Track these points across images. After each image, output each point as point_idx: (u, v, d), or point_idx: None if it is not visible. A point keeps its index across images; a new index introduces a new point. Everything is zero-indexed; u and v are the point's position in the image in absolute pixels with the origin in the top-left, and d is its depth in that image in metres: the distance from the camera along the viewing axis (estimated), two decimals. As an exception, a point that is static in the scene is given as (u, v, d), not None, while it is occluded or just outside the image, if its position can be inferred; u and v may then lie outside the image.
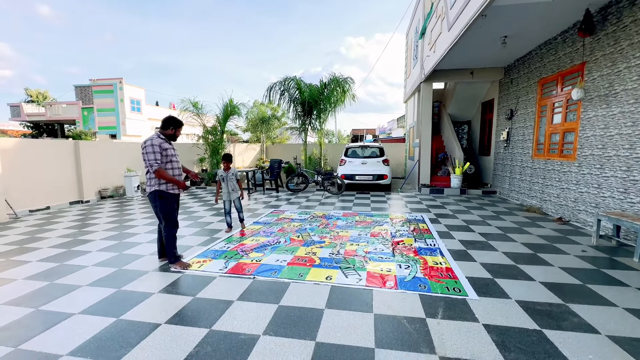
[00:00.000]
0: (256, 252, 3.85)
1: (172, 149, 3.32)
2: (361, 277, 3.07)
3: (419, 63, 9.06)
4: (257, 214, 6.08)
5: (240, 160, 13.30)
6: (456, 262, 3.45)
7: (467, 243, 4.14)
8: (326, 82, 10.15)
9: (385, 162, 8.83)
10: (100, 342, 2.09)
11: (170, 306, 2.56)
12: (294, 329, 2.22)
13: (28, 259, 3.66)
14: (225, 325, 2.28)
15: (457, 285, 2.87)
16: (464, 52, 6.56)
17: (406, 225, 5.05)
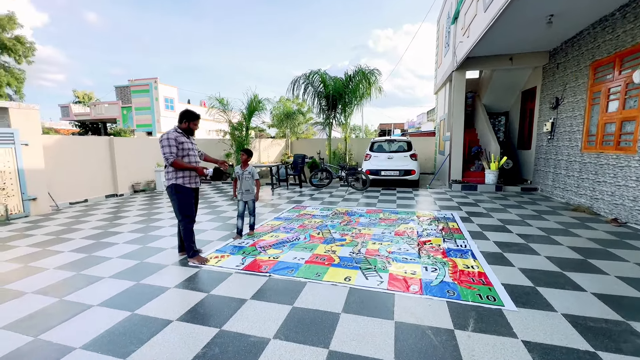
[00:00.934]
0: (274, 248, 3.75)
1: (189, 143, 3.29)
2: (382, 280, 2.85)
3: (450, 51, 8.47)
4: (279, 209, 6.01)
5: (266, 156, 13.39)
6: (490, 267, 3.11)
7: (503, 245, 3.75)
8: (351, 75, 9.84)
9: (413, 157, 8.40)
10: (112, 336, 2.08)
11: (183, 302, 2.51)
12: (306, 333, 2.07)
13: (61, 249, 3.84)
14: (236, 325, 2.18)
15: (491, 293, 2.57)
16: (502, 35, 5.98)
17: (434, 224, 4.71)
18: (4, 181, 5.33)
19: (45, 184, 5.99)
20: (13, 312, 2.41)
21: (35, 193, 5.79)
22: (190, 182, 3.30)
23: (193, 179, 3.34)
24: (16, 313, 2.39)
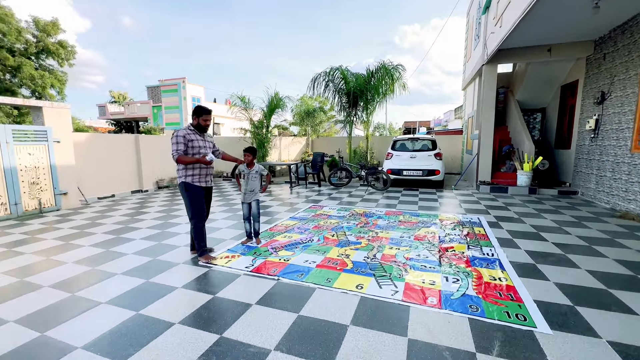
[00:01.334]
0: (286, 250, 3.63)
1: (201, 140, 3.23)
2: (397, 289, 2.64)
3: (481, 43, 7.93)
4: (295, 208, 5.91)
5: (286, 154, 13.39)
6: (521, 280, 2.79)
7: (536, 255, 3.38)
8: (373, 71, 9.52)
9: (438, 156, 7.98)
10: (114, 337, 2.04)
11: (188, 304, 2.45)
12: (309, 347, 1.92)
13: (82, 244, 3.96)
14: (237, 333, 2.07)
15: (521, 311, 2.28)
16: (539, 24, 5.46)
17: (458, 229, 4.39)
18: (37, 176, 5.64)
19: (75, 180, 6.28)
20: (27, 305, 2.46)
21: (66, 188, 6.08)
22: (200, 181, 3.25)
23: (203, 178, 3.29)
24: (30, 307, 2.44)
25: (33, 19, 18.70)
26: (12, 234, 4.40)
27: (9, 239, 4.20)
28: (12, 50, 18.02)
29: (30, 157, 5.52)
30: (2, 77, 18.39)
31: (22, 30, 18.07)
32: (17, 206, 5.36)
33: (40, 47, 19.27)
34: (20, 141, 5.38)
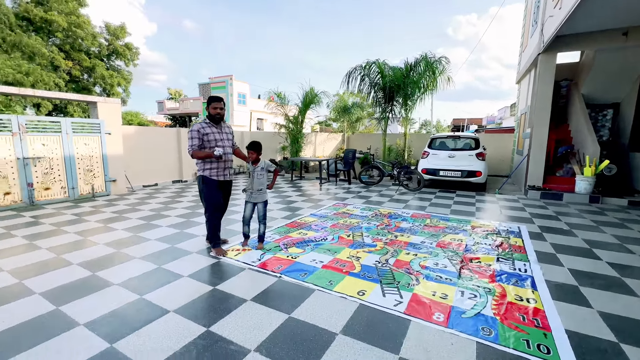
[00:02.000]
0: (297, 247, 3.57)
1: (216, 133, 3.22)
2: (402, 300, 2.41)
3: (538, 28, 7.01)
4: (319, 205, 5.83)
5: (321, 150, 13.35)
6: (555, 303, 2.38)
7: (581, 275, 2.87)
8: (412, 64, 8.99)
9: (480, 157, 7.28)
10: (113, 317, 2.16)
11: (188, 293, 2.51)
12: (290, 352, 1.83)
13: (117, 227, 4.32)
14: (223, 328, 2.05)
15: (545, 342, 1.92)
16: (608, 2, 4.62)
17: (491, 238, 3.93)
18: (92, 164, 6.31)
19: (123, 168, 6.92)
20: (54, 280, 2.73)
21: (115, 175, 6.73)
22: (217, 175, 3.28)
23: (221, 172, 3.31)
24: (56, 281, 2.70)
25: (105, 25, 21.06)
26: (65, 215, 4.98)
27: (61, 218, 4.76)
28: (88, 53, 20.51)
29: (86, 147, 6.19)
30: (80, 77, 21.06)
31: (97, 35, 20.45)
32: (74, 190, 6.07)
33: (111, 50, 21.67)
34: (78, 133, 6.06)
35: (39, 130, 5.58)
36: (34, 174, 5.52)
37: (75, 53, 19.66)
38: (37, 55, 16.65)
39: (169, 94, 35.37)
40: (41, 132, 5.59)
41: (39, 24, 17.71)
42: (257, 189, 3.40)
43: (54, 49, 18.55)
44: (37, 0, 17.81)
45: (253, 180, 3.38)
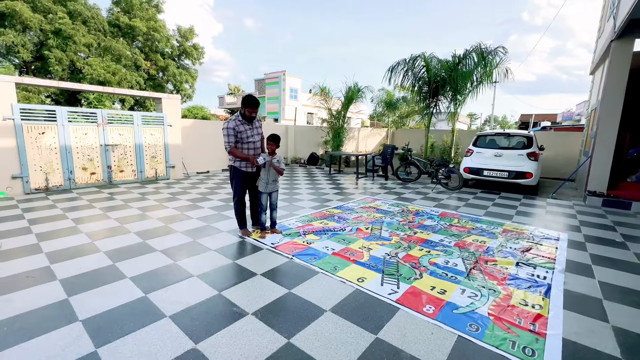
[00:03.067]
0: (315, 235, 3.82)
1: (248, 130, 3.53)
2: (398, 291, 2.51)
3: (613, 11, 6.08)
4: (349, 198, 5.99)
5: (364, 145, 13.32)
6: (565, 312, 2.26)
7: (612, 289, 2.62)
8: (461, 55, 8.47)
9: (532, 156, 6.64)
10: (152, 275, 2.67)
11: (211, 263, 2.94)
12: (281, 319, 2.10)
13: (169, 206, 5.05)
14: (232, 294, 2.41)
15: (534, 346, 1.89)
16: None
17: (521, 242, 3.70)
18: (156, 152, 7.35)
19: (181, 156, 7.89)
20: (116, 243, 3.40)
21: (174, 162, 7.72)
22: (246, 167, 3.62)
23: (250, 164, 3.67)
24: (116, 244, 3.36)
25: (177, 27, 23.52)
26: (132, 193, 5.95)
27: (129, 196, 5.71)
28: (163, 54, 23.17)
29: (151, 137, 7.23)
30: (156, 75, 23.94)
31: (170, 37, 22.97)
32: (142, 173, 7.15)
33: (181, 50, 24.16)
34: (145, 124, 7.10)
35: (117, 122, 6.70)
36: (112, 158, 6.66)
37: (152, 54, 22.39)
38: (122, 57, 19.40)
39: (229, 89, 38.11)
40: (118, 124, 6.70)
41: (125, 29, 20.57)
42: (272, 180, 3.64)
43: (136, 50, 21.38)
44: (125, 9, 20.67)
45: (269, 171, 3.58)
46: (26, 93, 16.00)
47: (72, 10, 17.35)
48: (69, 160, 6.04)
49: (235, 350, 1.80)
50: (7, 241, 3.36)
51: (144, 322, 2.03)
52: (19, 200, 5.13)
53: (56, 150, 5.88)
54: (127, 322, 2.02)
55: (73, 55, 17.47)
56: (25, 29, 16.55)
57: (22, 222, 4.02)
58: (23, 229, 3.78)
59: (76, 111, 6.27)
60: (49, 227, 3.85)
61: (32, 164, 5.63)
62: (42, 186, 5.78)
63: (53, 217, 4.29)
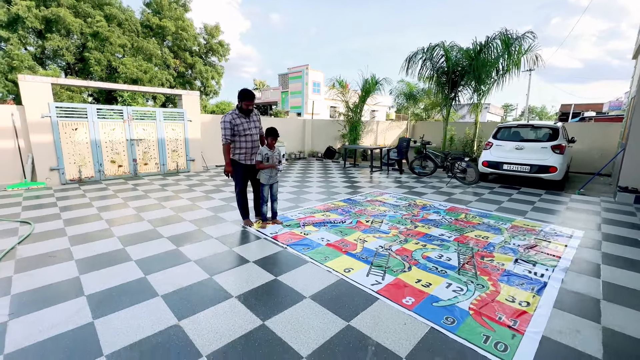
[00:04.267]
0: (314, 226, 3.90)
1: (245, 123, 3.68)
2: (382, 282, 2.53)
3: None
4: (357, 191, 5.99)
5: (382, 139, 13.10)
6: (552, 310, 2.17)
7: (616, 290, 2.46)
8: (483, 43, 8.03)
9: (557, 149, 6.21)
10: (155, 259, 2.90)
11: (209, 250, 3.12)
12: (261, 302, 2.21)
13: (183, 197, 5.37)
14: (221, 278, 2.56)
15: (508, 342, 1.85)
16: None
17: (526, 239, 3.53)
18: (177, 146, 7.77)
19: (200, 150, 8.28)
20: (129, 229, 3.70)
21: (194, 156, 8.12)
22: (245, 160, 3.77)
23: (248, 157, 3.76)
24: (130, 230, 3.66)
25: (204, 25, 24.31)
26: (153, 185, 6.37)
27: (150, 187, 6.12)
28: (191, 52, 24.12)
29: (172, 132, 7.65)
30: (185, 72, 25.01)
31: (197, 36, 23.82)
32: (164, 166, 7.61)
33: (207, 48, 25.00)
34: (167, 120, 7.52)
35: (141, 118, 7.16)
36: (137, 152, 7.14)
37: (181, 52, 23.39)
38: (153, 56, 20.46)
39: (254, 84, 38.90)
40: (142, 120, 7.16)
41: (156, 30, 21.64)
42: (275, 172, 3.77)
43: (165, 49, 22.44)
44: (155, 10, 21.71)
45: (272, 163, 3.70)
46: (70, 93, 17.43)
47: (108, 13, 18.54)
48: (99, 154, 6.58)
49: (212, 328, 1.94)
50: (40, 225, 3.78)
51: (138, 300, 2.23)
52: (55, 190, 5.70)
53: (87, 145, 6.42)
54: (124, 299, 2.24)
55: (110, 56, 18.72)
56: (69, 33, 17.95)
57: (54, 209, 4.48)
58: (54, 215, 4.22)
59: (104, 108, 6.78)
60: (75, 214, 4.26)
61: (67, 157, 6.21)
62: (75, 177, 6.37)
63: (81, 205, 4.73)
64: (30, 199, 5.01)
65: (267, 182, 3.75)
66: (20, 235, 3.42)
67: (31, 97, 5.74)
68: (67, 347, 1.76)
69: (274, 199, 3.92)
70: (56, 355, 1.70)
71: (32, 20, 16.12)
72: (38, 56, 18.40)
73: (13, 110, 5.81)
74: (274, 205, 3.96)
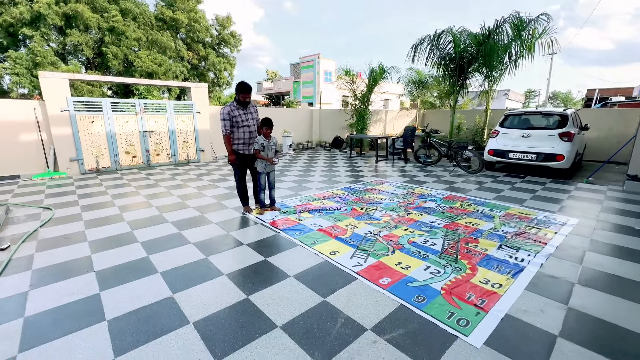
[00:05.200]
0: (310, 213, 4.07)
1: (242, 115, 3.84)
2: (364, 264, 2.69)
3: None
4: (359, 180, 6.10)
5: (391, 128, 13.00)
6: (523, 292, 2.26)
7: (595, 276, 2.51)
8: (492, 28, 7.78)
9: (565, 137, 6.05)
10: (159, 241, 3.16)
11: (208, 234, 3.36)
12: (248, 279, 2.43)
13: (191, 185, 5.66)
14: (215, 258, 2.79)
15: (471, 318, 1.97)
16: None
17: (516, 226, 3.57)
18: (187, 137, 8.09)
19: (209, 141, 8.57)
20: (138, 214, 4.00)
21: (204, 146, 8.43)
22: (243, 149, 3.96)
23: (246, 147, 3.94)
24: (139, 215, 3.96)
25: (215, 17, 24.47)
26: (164, 174, 6.72)
27: (161, 177, 6.46)
28: (203, 43, 24.42)
29: (183, 123, 7.95)
30: (198, 64, 25.41)
31: (209, 27, 24.04)
32: (175, 156, 7.96)
33: (219, 39, 25.21)
34: (177, 112, 7.82)
35: (152, 111, 7.48)
36: (150, 143, 7.50)
37: (194, 44, 23.74)
38: (168, 49, 20.90)
39: (267, 74, 38.98)
40: (153, 112, 7.48)
41: (169, 23, 22.01)
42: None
43: (179, 42, 22.83)
44: (169, 2, 22.03)
45: (268, 153, 3.86)
46: (90, 87, 18.18)
47: (123, 8, 19.00)
48: (114, 145, 6.97)
49: (201, 300, 2.16)
50: (59, 211, 4.15)
51: (140, 276, 2.49)
52: (75, 179, 6.14)
53: (103, 137, 6.82)
54: (128, 275, 2.51)
55: (126, 50, 19.28)
56: (87, 28, 18.58)
57: (73, 197, 4.87)
58: (73, 201, 4.60)
59: (120, 102, 7.13)
60: (92, 201, 4.62)
61: (85, 149, 6.63)
62: (93, 167, 6.80)
63: (97, 193, 5.11)
64: (52, 188, 5.45)
65: (263, 170, 3.93)
66: (42, 220, 3.78)
67: (51, 92, 6.14)
68: (76, 312, 2.03)
69: (271, 186, 4.10)
70: (67, 319, 1.97)
71: (53, 16, 16.78)
72: (60, 52, 19.21)
73: (35, 105, 6.23)
74: (272, 193, 4.15)
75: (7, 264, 2.66)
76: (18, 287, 2.33)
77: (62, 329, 1.88)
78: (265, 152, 3.86)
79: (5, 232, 3.39)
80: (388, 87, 11.89)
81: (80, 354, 1.68)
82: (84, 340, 1.78)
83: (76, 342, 1.77)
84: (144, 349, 1.71)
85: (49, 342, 1.76)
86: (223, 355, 1.67)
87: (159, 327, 1.89)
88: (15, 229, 3.48)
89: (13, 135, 6.06)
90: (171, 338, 1.80)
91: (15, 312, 2.04)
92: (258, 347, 1.73)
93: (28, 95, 17.61)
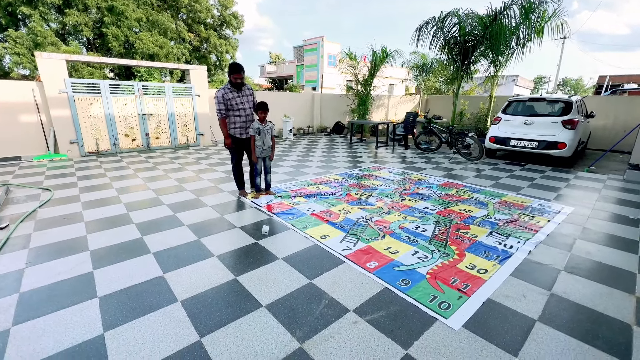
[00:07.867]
0: (305, 198, 4.09)
1: (237, 97, 3.81)
2: (353, 248, 2.72)
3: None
4: (357, 166, 6.08)
5: (393, 113, 12.81)
6: (508, 278, 2.29)
7: (582, 263, 2.52)
8: (498, 10, 7.49)
9: (568, 124, 5.94)
10: (154, 223, 3.22)
11: (203, 216, 3.41)
12: (238, 261, 2.48)
13: (189, 169, 5.69)
14: (208, 240, 2.84)
15: (453, 302, 2.01)
16: None
17: (510, 213, 3.57)
18: (186, 121, 8.06)
19: (209, 125, 8.53)
20: (136, 196, 4.06)
21: (203, 130, 8.41)
22: (241, 133, 3.95)
23: (243, 131, 3.93)
24: (137, 197, 4.01)
25: (216, -4, 23.81)
26: (163, 157, 6.75)
27: (160, 160, 6.49)
28: (205, 25, 23.90)
29: (182, 106, 7.90)
30: (200, 46, 24.97)
31: (210, 7, 23.45)
32: (174, 140, 7.97)
33: (221, 20, 24.64)
34: (176, 95, 7.75)
35: (152, 93, 7.43)
36: (149, 126, 7.50)
37: (195, 25, 23.24)
38: (168, 30, 20.50)
39: (270, 57, 38.28)
40: (152, 95, 7.43)
41: (169, 2, 21.49)
42: (267, 146, 3.93)
43: (180, 22, 22.37)
44: (169, -19, 21.42)
45: (264, 137, 3.86)
46: (90, 69, 18.01)
47: (122, -14, 18.51)
48: (113, 128, 6.98)
49: (190, 280, 2.22)
50: (58, 192, 4.22)
51: (133, 255, 2.56)
52: (75, 162, 6.19)
53: (102, 119, 6.82)
54: (121, 254, 2.57)
55: (127, 31, 18.95)
56: (86, 7, 18.22)
57: (72, 178, 4.92)
58: (72, 183, 4.66)
59: (116, 84, 7.08)
60: (90, 183, 4.68)
61: (85, 131, 6.65)
62: (94, 150, 6.84)
63: (96, 175, 5.16)
64: (52, 169, 5.51)
65: (259, 155, 3.93)
66: (41, 200, 3.85)
67: (48, 74, 6.10)
68: (69, 289, 2.10)
69: (267, 171, 4.12)
70: (59, 295, 2.04)
71: (50, -5, 16.44)
72: (60, 32, 18.95)
73: (33, 86, 6.21)
74: (268, 177, 4.16)
75: (5, 242, 2.74)
76: (15, 265, 2.40)
77: (54, 304, 1.95)
78: (261, 136, 3.85)
79: (5, 212, 3.46)
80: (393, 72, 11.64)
81: (71, 328, 1.75)
82: (75, 315, 1.85)
83: (67, 317, 1.84)
84: (131, 325, 1.78)
85: (42, 317, 1.83)
86: (207, 332, 1.73)
87: (147, 305, 1.95)
88: (14, 209, 3.56)
89: (13, 116, 6.08)
90: (158, 315, 1.86)
91: (11, 288, 2.11)
92: (242, 325, 1.79)
93: (30, 77, 17.53)
